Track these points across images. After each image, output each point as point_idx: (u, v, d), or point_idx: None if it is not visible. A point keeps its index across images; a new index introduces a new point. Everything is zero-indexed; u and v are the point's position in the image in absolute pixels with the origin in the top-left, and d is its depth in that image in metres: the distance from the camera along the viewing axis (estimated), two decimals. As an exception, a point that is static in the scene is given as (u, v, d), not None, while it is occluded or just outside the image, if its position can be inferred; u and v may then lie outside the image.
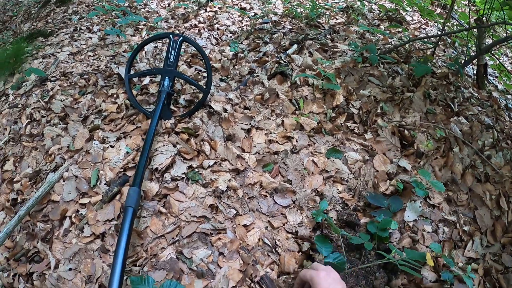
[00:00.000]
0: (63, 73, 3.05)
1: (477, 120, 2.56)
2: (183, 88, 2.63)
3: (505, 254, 1.89)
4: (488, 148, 2.36)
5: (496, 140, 2.41)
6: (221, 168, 2.04)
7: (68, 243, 1.80)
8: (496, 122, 2.64)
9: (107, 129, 2.38)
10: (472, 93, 2.97)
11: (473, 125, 2.47)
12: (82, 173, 2.10)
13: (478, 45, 2.93)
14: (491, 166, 2.22)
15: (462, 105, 2.71)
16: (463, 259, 1.83)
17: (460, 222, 1.95)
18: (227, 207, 1.89)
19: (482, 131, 2.46)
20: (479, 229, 1.96)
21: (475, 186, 2.12)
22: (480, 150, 2.31)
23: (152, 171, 2.02)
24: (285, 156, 2.13)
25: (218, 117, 2.33)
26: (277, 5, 4.15)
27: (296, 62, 2.82)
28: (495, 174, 2.19)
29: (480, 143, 2.38)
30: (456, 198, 2.06)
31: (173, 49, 2.37)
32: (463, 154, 2.25)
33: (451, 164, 2.19)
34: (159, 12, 4.01)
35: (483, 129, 2.48)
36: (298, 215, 1.90)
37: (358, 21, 3.73)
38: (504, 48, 4.52)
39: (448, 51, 3.74)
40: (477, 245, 1.89)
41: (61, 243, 1.81)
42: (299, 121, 2.29)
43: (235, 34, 3.45)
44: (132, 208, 1.63)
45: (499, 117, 2.76)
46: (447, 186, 2.10)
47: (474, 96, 2.92)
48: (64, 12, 4.63)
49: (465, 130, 2.43)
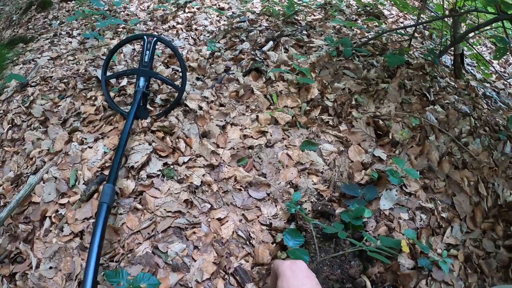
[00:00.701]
0: (43, 78, 3.06)
1: (454, 108, 2.58)
2: (160, 87, 2.65)
3: (486, 239, 1.91)
4: (465, 135, 2.38)
5: (474, 127, 2.44)
6: (195, 164, 2.07)
7: (49, 242, 1.82)
8: (474, 110, 2.66)
9: (85, 130, 2.40)
10: (449, 82, 3.00)
11: (450, 113, 2.50)
12: (61, 174, 2.12)
13: (453, 35, 2.96)
14: (468, 152, 2.24)
15: (438, 94, 2.74)
16: (442, 245, 1.85)
17: (438, 209, 1.97)
18: (202, 202, 1.92)
19: (459, 118, 2.49)
20: (458, 216, 1.98)
21: (453, 173, 2.13)
22: (457, 137, 2.33)
23: (128, 169, 2.04)
24: (259, 150, 2.15)
25: (193, 114, 2.36)
26: (256, 3, 4.18)
27: (271, 58, 2.85)
28: (472, 161, 2.21)
29: (457, 131, 2.40)
30: (433, 186, 2.08)
31: (147, 49, 2.39)
32: (439, 142, 2.27)
33: (427, 152, 2.21)
34: (138, 15, 4.03)
35: (460, 116, 2.51)
36: (273, 207, 1.92)
37: (336, 17, 3.76)
38: (482, 38, 4.56)
39: (426, 43, 3.78)
40: (457, 231, 1.91)
41: (42, 243, 1.83)
42: (274, 115, 2.32)
43: (212, 34, 3.48)
44: (107, 204, 1.66)
45: (476, 105, 2.78)
46: (423, 174, 2.12)
47: (451, 85, 2.95)
48: (44, 17, 4.63)
49: (441, 119, 2.45)
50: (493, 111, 2.82)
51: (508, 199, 2.05)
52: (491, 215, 2.00)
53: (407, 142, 2.26)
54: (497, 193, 2.08)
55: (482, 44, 4.52)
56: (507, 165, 2.24)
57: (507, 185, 2.13)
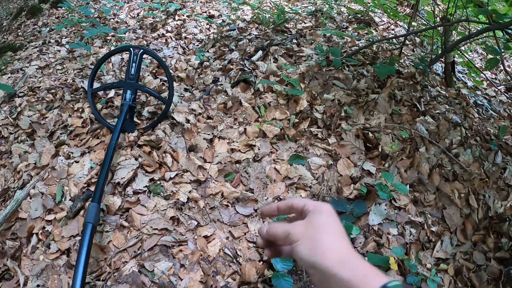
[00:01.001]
0: (31, 88, 3.03)
1: (445, 118, 2.57)
2: (147, 99, 2.62)
3: (477, 252, 1.90)
4: (456, 146, 2.36)
5: (465, 137, 2.42)
6: (182, 179, 2.05)
7: (36, 259, 1.80)
8: (465, 119, 2.65)
9: (72, 144, 2.37)
10: (440, 91, 2.98)
11: (440, 124, 2.49)
12: (48, 189, 2.10)
13: (444, 44, 2.95)
14: (459, 164, 2.23)
15: (429, 104, 2.73)
16: (432, 260, 1.84)
17: (427, 222, 1.96)
18: (188, 219, 1.90)
19: (450, 129, 2.48)
20: (448, 229, 1.97)
21: (443, 186, 2.12)
22: (447, 148, 2.32)
23: (115, 185, 2.02)
24: (247, 164, 2.13)
25: (180, 128, 2.33)
26: (246, 11, 4.16)
27: (260, 68, 2.83)
28: (463, 172, 2.19)
29: (448, 142, 2.38)
30: (423, 199, 2.07)
31: (134, 62, 2.36)
32: (429, 154, 2.26)
33: (417, 164, 2.20)
34: (128, 23, 4.00)
35: (451, 127, 2.50)
36: (260, 223, 1.91)
37: (326, 24, 3.74)
38: (474, 45, 4.56)
39: (417, 51, 3.77)
40: (447, 244, 1.90)
41: (29, 260, 1.80)
42: (262, 128, 2.30)
43: (202, 43, 3.45)
44: (91, 224, 1.64)
45: (467, 114, 2.77)
46: (413, 187, 2.11)
47: (442, 94, 2.94)
48: (34, 24, 4.59)
49: (431, 130, 2.44)
50: (484, 120, 2.81)
51: (499, 211, 2.04)
52: (482, 227, 1.99)
53: (397, 154, 2.24)
54: (488, 205, 2.07)
55: (473, 50, 4.52)
56: (498, 176, 2.22)
57: (498, 196, 2.12)
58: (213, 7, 4.33)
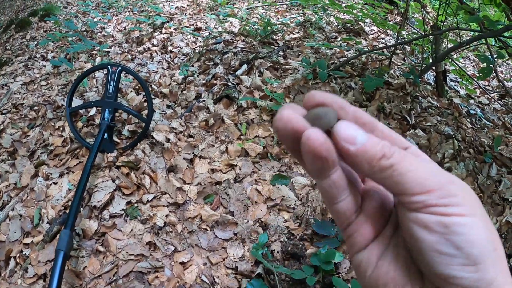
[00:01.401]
0: (15, 105, 3.00)
1: (436, 130, 2.50)
2: (129, 117, 2.57)
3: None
4: (448, 160, 2.30)
5: (457, 150, 2.35)
6: (160, 202, 1.99)
7: (14, 284, 1.76)
8: (457, 131, 2.58)
9: (51, 164, 2.33)
10: (431, 102, 2.92)
11: (432, 137, 2.42)
12: (26, 211, 2.07)
13: (435, 53, 2.89)
14: None
15: (419, 116, 2.66)
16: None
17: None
18: (165, 244, 1.84)
19: (442, 142, 2.41)
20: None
21: (435, 204, 2.06)
22: (439, 163, 2.25)
23: (91, 208, 1.98)
24: (227, 186, 2.07)
25: (160, 147, 2.28)
26: (234, 23, 4.12)
27: (244, 83, 2.77)
28: None
29: (440, 156, 2.32)
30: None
31: (111, 80, 2.31)
32: None
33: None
34: (114, 36, 3.96)
35: (443, 140, 2.43)
36: (240, 248, 1.84)
37: (315, 35, 3.70)
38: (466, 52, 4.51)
39: (408, 60, 3.72)
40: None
41: (7, 284, 1.77)
42: (244, 146, 2.24)
43: (187, 56, 3.41)
44: (63, 251, 1.60)
45: (460, 125, 2.70)
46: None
47: (433, 105, 2.87)
48: (22, 37, 4.56)
49: (422, 143, 2.38)
50: (478, 130, 2.74)
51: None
52: None
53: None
54: None
55: (465, 57, 4.47)
56: (493, 190, 2.15)
57: (493, 212, 2.05)
58: (201, 19, 4.30)
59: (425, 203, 0.29)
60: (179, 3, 4.98)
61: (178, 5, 4.89)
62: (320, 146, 0.31)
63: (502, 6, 2.47)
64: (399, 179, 0.30)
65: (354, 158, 0.32)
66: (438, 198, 0.29)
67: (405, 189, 0.30)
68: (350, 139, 0.31)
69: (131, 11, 4.75)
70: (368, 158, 0.31)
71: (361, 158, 0.31)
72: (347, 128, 0.32)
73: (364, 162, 0.31)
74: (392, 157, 0.31)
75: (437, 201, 0.29)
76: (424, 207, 0.29)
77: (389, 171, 0.31)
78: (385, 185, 0.32)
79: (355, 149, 0.31)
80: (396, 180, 0.30)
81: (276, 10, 4.73)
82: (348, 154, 0.32)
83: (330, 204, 0.35)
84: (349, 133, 0.32)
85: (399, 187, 0.30)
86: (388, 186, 0.32)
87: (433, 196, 0.29)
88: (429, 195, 0.29)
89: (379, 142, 0.31)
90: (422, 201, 0.29)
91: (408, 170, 0.30)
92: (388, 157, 0.31)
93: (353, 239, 0.36)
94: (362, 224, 0.36)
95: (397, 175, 0.30)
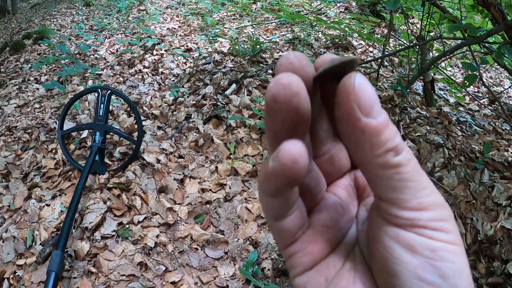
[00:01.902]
0: (9, 128, 3.04)
1: (426, 140, 2.53)
2: (120, 139, 2.62)
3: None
4: (439, 169, 2.31)
5: (448, 158, 2.36)
6: (151, 223, 2.03)
7: (7, 306, 1.76)
8: (447, 139, 2.60)
9: (44, 186, 2.37)
10: (420, 112, 2.94)
11: (421, 147, 2.45)
12: (19, 233, 2.09)
13: (421, 63, 2.93)
14: (443, 188, 2.18)
15: (408, 127, 2.70)
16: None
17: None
18: (156, 264, 1.87)
19: (432, 151, 2.43)
20: (436, 260, 1.92)
21: (427, 214, 2.07)
22: (430, 173, 2.28)
23: (83, 229, 2.01)
24: (217, 205, 2.12)
25: (151, 169, 2.33)
26: (224, 43, 4.20)
27: (234, 102, 2.83)
28: (448, 196, 2.13)
29: (430, 165, 2.34)
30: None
31: (102, 103, 2.36)
32: None
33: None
34: (107, 58, 4.03)
35: (433, 149, 2.45)
36: (231, 267, 1.88)
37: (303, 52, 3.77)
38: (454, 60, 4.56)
39: (396, 71, 3.78)
40: (434, 276, 1.85)
41: None
42: (234, 166, 2.29)
43: (178, 77, 3.47)
44: (54, 272, 1.63)
45: (450, 133, 2.71)
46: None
47: (422, 115, 2.90)
48: (17, 60, 4.61)
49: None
50: (469, 137, 2.74)
51: (489, 233, 1.96)
52: (471, 252, 1.92)
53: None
54: (477, 228, 1.99)
55: (453, 65, 4.53)
56: (486, 196, 2.14)
57: (487, 218, 2.04)
58: (191, 40, 4.37)
59: (414, 222, 0.25)
60: (170, 24, 5.06)
61: (170, 26, 4.98)
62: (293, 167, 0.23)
63: (485, 12, 2.48)
64: (398, 185, 0.24)
65: (358, 133, 0.24)
66: (430, 219, 0.25)
67: (399, 200, 0.25)
68: (367, 106, 0.24)
69: (123, 33, 4.82)
70: (376, 142, 0.24)
71: (368, 138, 0.24)
72: (369, 88, 0.24)
73: (367, 144, 0.24)
74: (401, 154, 0.24)
75: (427, 223, 0.25)
76: (412, 225, 0.25)
77: (391, 171, 0.24)
78: (373, 183, 0.26)
79: (367, 123, 0.24)
80: (394, 185, 0.24)
81: (266, 28, 4.82)
82: (354, 125, 0.24)
83: (273, 220, 0.29)
84: (369, 97, 0.24)
85: (392, 195, 0.25)
86: (377, 186, 0.25)
87: (425, 216, 0.25)
88: (420, 213, 0.24)
89: (396, 130, 0.25)
90: (412, 219, 0.24)
91: (412, 178, 0.24)
92: (398, 153, 0.24)
93: (296, 259, 0.29)
94: (310, 242, 0.29)
95: (398, 180, 0.24)
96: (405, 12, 4.08)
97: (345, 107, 0.24)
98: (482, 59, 2.47)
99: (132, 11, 5.80)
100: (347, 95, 0.23)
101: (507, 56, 2.03)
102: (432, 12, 2.80)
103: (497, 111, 3.32)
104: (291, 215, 0.28)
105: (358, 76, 0.24)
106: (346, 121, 0.24)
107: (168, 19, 5.36)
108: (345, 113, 0.24)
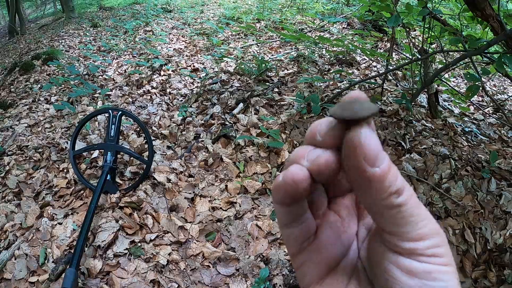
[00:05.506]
0: (19, 147, 3.08)
1: (432, 152, 2.54)
2: (130, 159, 2.66)
3: (478, 289, 1.84)
4: (446, 180, 2.31)
5: (455, 169, 2.37)
6: (163, 241, 2.06)
7: (21, 323, 1.77)
8: (453, 150, 2.61)
9: (56, 205, 2.40)
10: (426, 124, 2.97)
11: (428, 159, 2.46)
12: (32, 251, 2.11)
13: (424, 76, 2.95)
14: (451, 199, 2.18)
15: (414, 140, 2.72)
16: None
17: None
18: (169, 281, 1.90)
19: (438, 163, 2.44)
20: (446, 270, 1.92)
21: (436, 225, 2.07)
22: (437, 184, 2.28)
23: (96, 248, 2.03)
24: (228, 223, 2.15)
25: (162, 188, 2.37)
26: (230, 62, 4.26)
27: (241, 121, 2.88)
28: (456, 207, 2.14)
29: (437, 177, 2.34)
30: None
31: (113, 123, 2.42)
32: (418, 193, 2.22)
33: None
34: (115, 79, 4.10)
35: (439, 161, 2.46)
36: (243, 283, 1.90)
37: (308, 69, 3.83)
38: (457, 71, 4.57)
39: (400, 85, 3.80)
40: (445, 286, 1.85)
41: None
42: (243, 184, 2.33)
43: (185, 97, 3.53)
44: (68, 290, 1.66)
45: (456, 144, 2.73)
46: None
47: (428, 127, 2.92)
48: (26, 80, 4.69)
49: (418, 167, 2.42)
50: (474, 147, 2.75)
51: (498, 242, 1.96)
52: (481, 261, 1.93)
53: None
54: (486, 237, 2.00)
55: (457, 76, 4.53)
56: (494, 205, 2.14)
57: (495, 227, 2.05)
58: (197, 60, 4.45)
59: (413, 251, 0.28)
60: (176, 44, 5.15)
61: (176, 46, 5.06)
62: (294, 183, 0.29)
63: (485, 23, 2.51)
64: (400, 221, 0.27)
65: (365, 181, 0.27)
66: (427, 247, 0.28)
67: (401, 233, 0.28)
68: (372, 158, 0.26)
69: (130, 54, 4.91)
70: (381, 188, 0.27)
71: (373, 185, 0.27)
72: (374, 141, 0.27)
73: (373, 190, 0.27)
74: (402, 194, 0.27)
75: (425, 251, 0.28)
76: (411, 253, 0.28)
77: (394, 211, 0.27)
78: (377, 219, 0.29)
79: (373, 173, 0.26)
80: (396, 222, 0.27)
81: (270, 47, 4.89)
82: (361, 175, 0.27)
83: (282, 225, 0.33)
84: (374, 150, 0.26)
85: (395, 229, 0.28)
86: (381, 221, 0.28)
87: (422, 245, 0.28)
88: (419, 243, 0.28)
89: (397, 171, 0.27)
90: (412, 248, 0.28)
91: (412, 213, 0.27)
92: (400, 194, 0.27)
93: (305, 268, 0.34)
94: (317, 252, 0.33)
95: (400, 218, 0.27)
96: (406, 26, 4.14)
97: (353, 160, 0.27)
98: (484, 69, 2.47)
99: (139, 32, 5.90)
100: (354, 149, 0.26)
101: (508, 65, 2.06)
102: (432, 26, 2.84)
103: (502, 119, 3.31)
104: (299, 226, 0.32)
105: (363, 131, 0.26)
106: (354, 171, 0.27)
107: (174, 39, 5.45)
108: (353, 165, 0.27)
